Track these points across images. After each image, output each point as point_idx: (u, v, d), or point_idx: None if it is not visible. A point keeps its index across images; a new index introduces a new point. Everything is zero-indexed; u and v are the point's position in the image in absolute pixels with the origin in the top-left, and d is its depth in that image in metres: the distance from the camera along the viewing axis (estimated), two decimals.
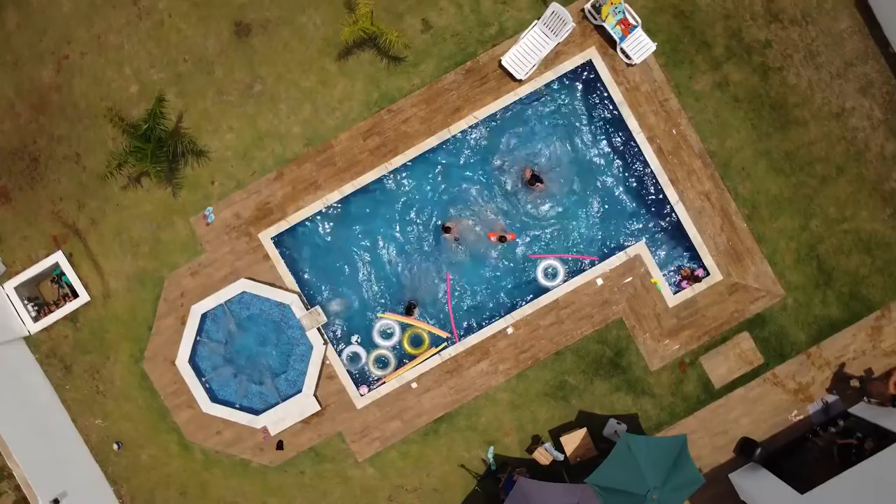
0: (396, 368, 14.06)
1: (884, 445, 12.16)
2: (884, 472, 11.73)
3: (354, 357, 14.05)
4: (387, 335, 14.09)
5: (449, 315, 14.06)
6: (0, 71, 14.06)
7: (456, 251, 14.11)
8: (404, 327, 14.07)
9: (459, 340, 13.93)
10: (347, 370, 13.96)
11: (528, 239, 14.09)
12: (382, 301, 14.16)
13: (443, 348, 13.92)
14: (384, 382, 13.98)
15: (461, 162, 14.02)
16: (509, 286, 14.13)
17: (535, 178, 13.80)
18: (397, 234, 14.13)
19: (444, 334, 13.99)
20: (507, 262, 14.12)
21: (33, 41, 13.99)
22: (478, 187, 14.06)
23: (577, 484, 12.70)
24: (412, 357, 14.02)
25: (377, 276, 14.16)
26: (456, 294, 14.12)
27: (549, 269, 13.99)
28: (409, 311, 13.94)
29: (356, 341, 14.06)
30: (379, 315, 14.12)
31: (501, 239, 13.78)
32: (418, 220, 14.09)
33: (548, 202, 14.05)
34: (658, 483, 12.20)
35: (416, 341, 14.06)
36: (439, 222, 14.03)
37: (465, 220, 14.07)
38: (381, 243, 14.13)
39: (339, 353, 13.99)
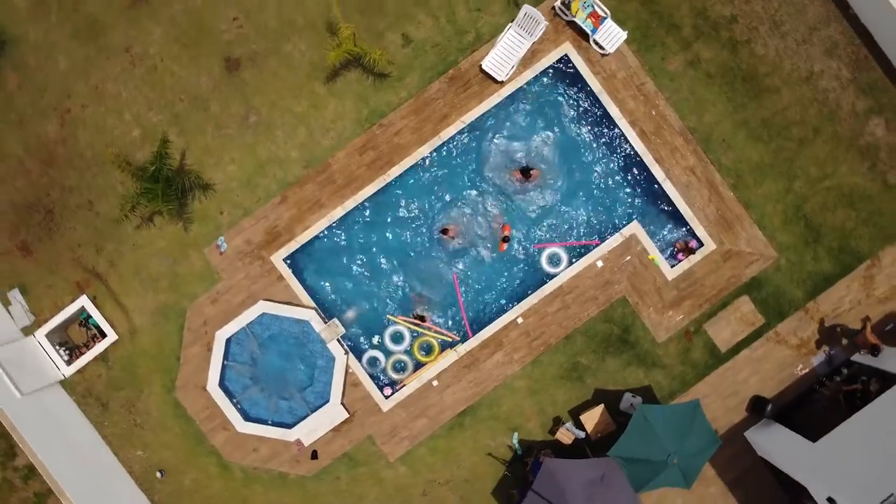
0: (414, 371, 14.68)
1: (888, 387, 12.75)
2: (889, 412, 12.31)
3: (373, 361, 14.69)
4: (397, 340, 14.71)
5: (461, 313, 14.68)
6: (7, 131, 14.70)
7: (459, 250, 14.73)
8: (414, 334, 14.69)
9: (472, 336, 14.54)
10: (370, 374, 14.59)
11: (529, 230, 14.70)
12: (394, 306, 14.78)
13: (457, 343, 14.53)
14: (404, 385, 14.61)
15: (455, 165, 14.64)
16: (514, 278, 14.76)
17: (527, 170, 14.42)
18: (401, 241, 14.75)
19: (452, 338, 14.59)
20: (509, 256, 14.73)
21: (35, 99, 14.64)
22: (473, 187, 14.67)
23: (601, 458, 13.31)
24: (421, 364, 14.65)
25: (386, 282, 14.78)
26: (464, 291, 14.74)
27: (553, 257, 14.62)
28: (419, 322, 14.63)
29: (376, 343, 14.71)
30: (389, 317, 14.72)
31: (505, 239, 14.38)
32: (419, 225, 14.71)
33: (542, 193, 14.67)
34: (676, 448, 12.84)
35: (427, 349, 14.70)
36: (438, 225, 14.65)
37: (463, 220, 14.69)
38: (387, 251, 14.75)
39: (360, 360, 14.63)
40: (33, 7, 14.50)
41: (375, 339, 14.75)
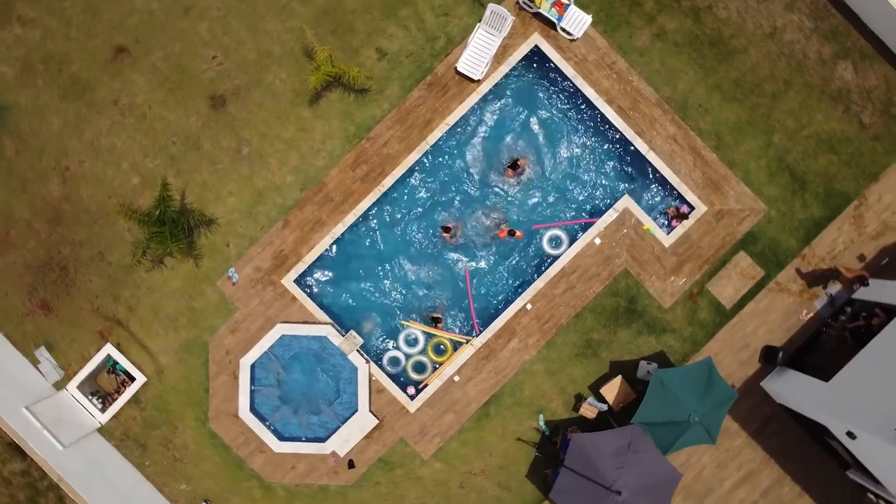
0: (433, 370, 15.16)
1: (891, 318, 13.13)
2: (892, 342, 12.72)
3: (395, 361, 15.17)
4: (411, 343, 15.20)
5: (471, 308, 15.14)
6: (11, 196, 15.19)
7: (461, 248, 15.19)
8: (427, 336, 15.17)
9: (480, 334, 14.98)
10: (392, 376, 15.08)
11: (526, 218, 15.15)
12: (406, 310, 15.24)
13: (469, 341, 15.01)
14: (427, 384, 15.09)
15: (447, 167, 15.11)
16: (517, 266, 15.22)
17: (514, 164, 14.88)
18: (404, 247, 15.21)
19: (463, 339, 15.06)
20: (510, 246, 15.19)
21: (34, 162, 15.13)
22: (467, 186, 15.14)
23: (626, 426, 13.74)
24: (438, 365, 15.14)
25: (397, 288, 15.25)
26: (473, 285, 15.19)
27: (554, 239, 15.08)
28: (434, 325, 15.06)
29: (391, 346, 15.21)
30: (402, 323, 15.20)
31: (511, 233, 14.83)
32: (419, 229, 15.17)
33: (534, 181, 15.12)
34: (696, 407, 13.31)
35: (440, 350, 15.18)
36: (438, 226, 15.11)
37: (461, 219, 15.15)
38: (392, 259, 15.22)
39: (381, 365, 15.11)
40: (20, 74, 14.99)
41: (391, 344, 15.22)
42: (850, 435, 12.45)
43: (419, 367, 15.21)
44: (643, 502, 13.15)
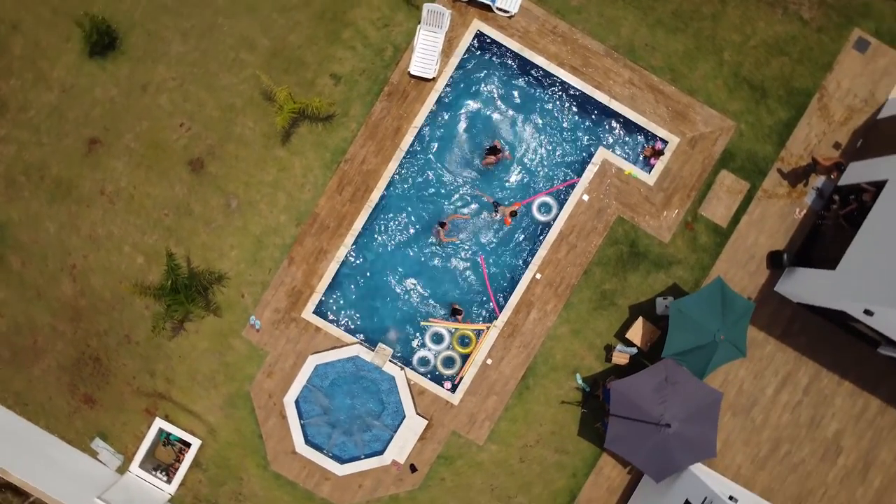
0: (462, 362, 15.68)
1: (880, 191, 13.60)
2: (886, 215, 13.18)
3: (424, 362, 15.70)
4: (437, 340, 15.73)
5: (489, 292, 15.66)
6: (29, 306, 15.77)
7: (462, 238, 15.70)
8: (451, 329, 15.69)
9: (500, 314, 15.50)
10: (426, 375, 15.60)
11: (515, 194, 15.66)
12: (424, 310, 15.76)
13: (490, 325, 15.54)
14: (462, 376, 15.62)
15: (427, 167, 15.61)
16: (518, 242, 15.73)
17: (492, 149, 15.37)
18: (408, 251, 15.75)
19: (483, 326, 15.58)
20: (506, 225, 15.70)
21: (41, 268, 15.70)
22: (452, 179, 15.65)
23: (658, 363, 14.25)
24: (466, 356, 15.67)
25: (411, 292, 15.79)
26: (488, 271, 15.74)
27: (543, 207, 15.58)
28: (456, 316, 15.59)
29: (417, 345, 15.74)
30: (421, 323, 15.72)
31: (513, 214, 15.33)
32: (417, 231, 15.69)
33: (513, 160, 15.61)
34: (719, 325, 13.81)
35: (465, 341, 15.70)
36: (435, 225, 15.62)
37: (457, 211, 15.67)
38: (399, 265, 15.74)
39: (415, 369, 15.63)
40: (5, 191, 15.56)
41: (416, 342, 15.75)
42: (868, 312, 12.91)
43: (448, 363, 15.72)
44: (693, 428, 13.69)
